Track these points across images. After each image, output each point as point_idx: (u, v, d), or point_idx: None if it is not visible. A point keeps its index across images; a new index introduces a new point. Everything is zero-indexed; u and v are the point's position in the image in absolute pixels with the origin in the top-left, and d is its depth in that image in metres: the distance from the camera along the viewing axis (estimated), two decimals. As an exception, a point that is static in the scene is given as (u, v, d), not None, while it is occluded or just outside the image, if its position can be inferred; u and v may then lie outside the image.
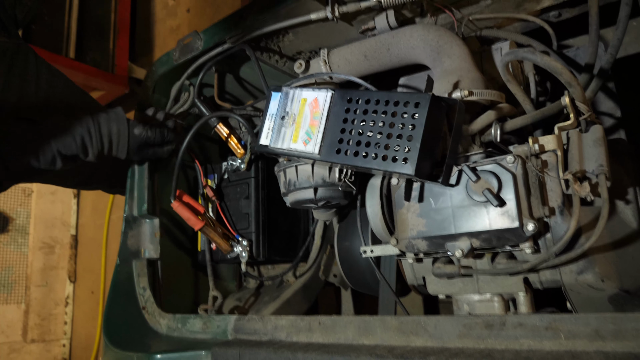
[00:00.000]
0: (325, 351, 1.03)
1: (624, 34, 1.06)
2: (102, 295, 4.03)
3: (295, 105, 1.23)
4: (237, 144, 1.72)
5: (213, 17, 3.78)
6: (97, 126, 1.51)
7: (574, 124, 1.01)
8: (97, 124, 1.52)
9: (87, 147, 1.50)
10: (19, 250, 3.95)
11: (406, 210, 1.15)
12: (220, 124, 1.70)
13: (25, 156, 1.42)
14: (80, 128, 1.49)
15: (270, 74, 1.73)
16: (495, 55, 1.31)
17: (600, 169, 0.96)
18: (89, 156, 1.52)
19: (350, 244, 1.65)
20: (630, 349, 0.77)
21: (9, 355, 3.75)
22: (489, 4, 1.36)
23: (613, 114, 1.29)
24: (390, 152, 1.03)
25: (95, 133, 1.51)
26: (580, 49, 1.38)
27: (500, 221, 1.01)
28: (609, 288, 1.04)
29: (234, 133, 1.73)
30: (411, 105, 1.03)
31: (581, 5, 1.34)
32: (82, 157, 1.52)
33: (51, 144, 1.45)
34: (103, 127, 1.52)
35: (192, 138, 1.61)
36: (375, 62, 1.38)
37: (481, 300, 1.19)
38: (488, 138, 1.16)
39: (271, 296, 1.80)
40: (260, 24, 1.48)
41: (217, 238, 1.66)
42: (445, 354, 0.89)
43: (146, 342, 1.49)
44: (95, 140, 1.51)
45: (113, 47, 3.76)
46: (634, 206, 1.11)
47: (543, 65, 0.96)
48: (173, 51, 1.72)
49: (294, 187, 1.45)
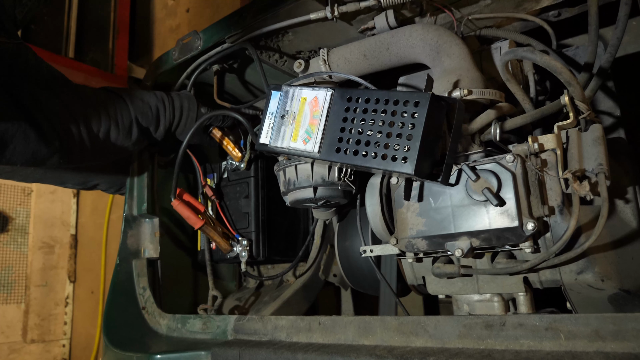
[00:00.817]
0: (325, 351, 1.03)
1: (624, 33, 1.06)
2: (102, 295, 4.02)
3: (295, 104, 1.23)
4: (233, 147, 1.72)
5: (212, 16, 3.78)
6: (170, 99, 1.57)
7: (574, 123, 1.01)
8: (170, 97, 1.58)
9: (160, 118, 1.55)
10: (19, 250, 3.95)
11: (406, 209, 1.15)
12: (214, 129, 1.71)
13: (107, 120, 1.43)
14: (156, 99, 1.54)
15: (269, 74, 1.72)
16: (494, 55, 1.31)
17: (600, 168, 0.96)
18: (159, 129, 1.56)
19: (350, 244, 1.65)
20: (630, 349, 0.77)
21: (9, 355, 3.75)
22: (489, 3, 1.36)
23: (612, 113, 1.29)
24: (390, 151, 1.03)
25: (169, 105, 1.56)
26: (579, 48, 1.38)
27: (500, 220, 1.00)
28: (609, 288, 1.04)
29: (229, 136, 1.73)
30: (411, 104, 1.03)
31: (580, 4, 1.34)
32: (153, 132, 1.56)
33: (130, 110, 1.48)
34: (176, 101, 1.58)
35: (191, 138, 1.60)
36: (375, 62, 1.38)
37: (481, 300, 1.19)
38: (487, 137, 1.16)
39: (271, 296, 1.80)
40: (259, 24, 1.48)
41: (217, 237, 1.66)
42: (445, 354, 0.89)
43: (146, 342, 1.49)
44: (168, 112, 1.56)
45: (112, 47, 3.75)
46: (633, 205, 1.10)
47: (542, 64, 0.96)
48: (172, 51, 1.71)
49: (293, 187, 1.45)
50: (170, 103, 1.57)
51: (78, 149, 1.40)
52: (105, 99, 1.46)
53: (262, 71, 1.50)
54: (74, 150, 1.39)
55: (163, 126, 1.57)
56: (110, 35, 3.77)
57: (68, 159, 1.40)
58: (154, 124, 1.55)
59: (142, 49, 4.23)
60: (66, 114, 1.36)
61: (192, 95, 1.64)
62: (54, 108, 1.34)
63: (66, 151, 1.37)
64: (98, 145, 1.44)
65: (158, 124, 1.56)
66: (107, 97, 1.47)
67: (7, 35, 1.40)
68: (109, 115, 1.44)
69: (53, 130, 1.32)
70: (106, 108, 1.44)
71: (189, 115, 1.61)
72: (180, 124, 1.60)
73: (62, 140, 1.35)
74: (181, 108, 1.59)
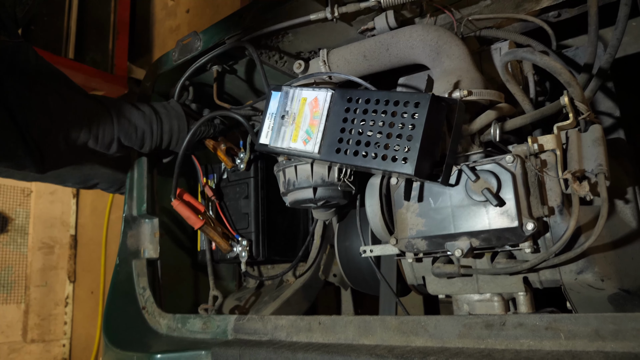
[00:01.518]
0: (325, 351, 1.03)
1: (623, 34, 1.07)
2: (102, 295, 4.03)
3: (295, 104, 1.23)
4: (224, 157, 1.72)
5: (212, 17, 3.78)
6: (159, 122, 1.55)
7: (573, 123, 1.01)
8: (160, 120, 1.55)
9: (145, 142, 1.54)
10: (19, 250, 3.95)
11: (405, 209, 1.15)
12: (207, 140, 1.71)
13: (87, 133, 1.42)
14: (143, 121, 1.52)
15: (269, 74, 1.72)
16: (494, 56, 1.31)
17: (600, 169, 0.96)
18: (144, 148, 1.56)
19: (350, 244, 1.65)
20: (630, 349, 0.77)
21: (9, 355, 3.75)
22: (488, 4, 1.36)
23: (612, 114, 1.29)
24: (390, 151, 1.03)
25: (157, 129, 1.54)
26: (579, 49, 1.38)
27: (500, 221, 1.01)
28: (609, 288, 1.04)
29: (222, 145, 1.73)
30: (411, 105, 1.03)
31: (580, 5, 1.34)
32: (137, 149, 1.57)
33: (114, 128, 1.47)
34: (165, 123, 1.56)
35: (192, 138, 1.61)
36: (375, 62, 1.38)
37: (481, 300, 1.19)
38: (487, 138, 1.16)
39: (271, 296, 1.80)
40: (259, 25, 1.48)
41: (217, 237, 1.66)
42: (445, 354, 0.89)
43: (146, 342, 1.49)
44: (155, 135, 1.55)
45: (112, 48, 3.75)
46: (633, 205, 1.11)
47: (542, 65, 0.96)
48: (172, 51, 1.72)
49: (293, 187, 1.45)
50: (159, 126, 1.55)
51: (53, 157, 1.40)
52: (92, 111, 1.45)
53: (262, 70, 1.50)
54: (50, 158, 1.39)
55: (149, 147, 1.57)
56: (110, 35, 3.77)
57: (43, 167, 1.40)
58: (138, 145, 1.54)
59: (142, 50, 4.23)
60: (48, 124, 1.36)
61: (182, 113, 1.62)
62: (39, 117, 1.34)
63: (43, 160, 1.38)
64: (73, 152, 1.44)
65: (142, 145, 1.55)
66: (94, 109, 1.46)
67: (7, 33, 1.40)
68: (90, 129, 1.43)
69: (33, 139, 1.33)
70: (89, 121, 1.43)
71: (179, 136, 1.60)
72: (171, 144, 1.61)
73: (40, 149, 1.35)
74: (170, 131, 1.57)
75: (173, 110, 1.60)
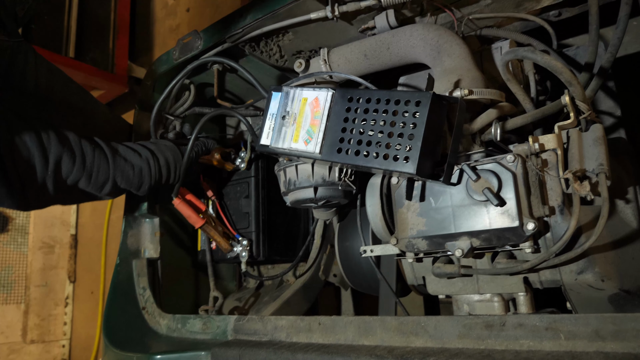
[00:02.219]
0: (325, 352, 1.03)
1: (624, 33, 1.06)
2: (102, 295, 4.03)
3: (295, 104, 1.23)
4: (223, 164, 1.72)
5: (213, 16, 3.78)
6: (155, 159, 1.48)
7: (574, 123, 1.01)
8: (155, 156, 1.49)
9: (144, 180, 1.46)
10: (19, 250, 3.95)
11: (406, 209, 1.15)
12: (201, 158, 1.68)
13: (81, 172, 1.33)
14: (140, 160, 1.45)
15: (269, 73, 1.72)
16: (495, 55, 1.31)
17: (601, 168, 0.96)
18: (141, 190, 1.48)
19: (350, 244, 1.65)
20: (630, 349, 0.76)
21: (9, 356, 3.75)
22: (489, 3, 1.36)
23: (613, 113, 1.29)
24: (391, 151, 1.03)
25: (155, 165, 1.48)
26: (580, 48, 1.38)
27: (500, 220, 1.00)
28: (609, 288, 1.04)
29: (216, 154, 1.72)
30: (412, 103, 1.03)
31: (581, 4, 1.33)
32: (134, 191, 1.48)
33: (109, 167, 1.38)
34: (160, 158, 1.50)
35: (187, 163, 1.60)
36: (375, 61, 1.38)
37: (481, 300, 1.19)
38: (488, 137, 1.16)
39: (271, 296, 1.80)
40: (260, 23, 1.48)
41: (218, 237, 1.66)
42: (445, 354, 0.89)
43: (146, 343, 1.49)
44: (154, 172, 1.48)
45: (113, 47, 3.75)
46: (634, 205, 1.10)
47: (543, 64, 0.96)
48: (173, 50, 1.71)
49: (294, 187, 1.45)
50: (156, 162, 1.48)
51: (38, 197, 1.28)
52: (86, 147, 1.35)
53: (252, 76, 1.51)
54: (34, 198, 1.28)
55: (147, 185, 1.48)
56: (111, 34, 3.77)
57: (26, 206, 1.30)
58: (136, 185, 1.46)
59: (142, 49, 4.23)
60: (36, 159, 1.24)
61: (172, 145, 1.56)
62: (26, 150, 1.23)
63: (25, 198, 1.27)
64: (62, 193, 1.33)
65: (141, 185, 1.47)
66: (90, 144, 1.37)
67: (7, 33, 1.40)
68: (83, 167, 1.33)
69: (17, 175, 1.22)
70: (83, 157, 1.33)
71: (176, 166, 1.54)
72: (170, 177, 1.54)
73: (23, 187, 1.25)
74: (167, 164, 1.52)
75: (162, 144, 1.56)
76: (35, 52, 1.50)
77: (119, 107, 3.97)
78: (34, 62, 1.49)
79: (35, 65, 1.49)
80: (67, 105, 1.60)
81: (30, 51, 1.48)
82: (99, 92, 3.72)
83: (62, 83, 1.61)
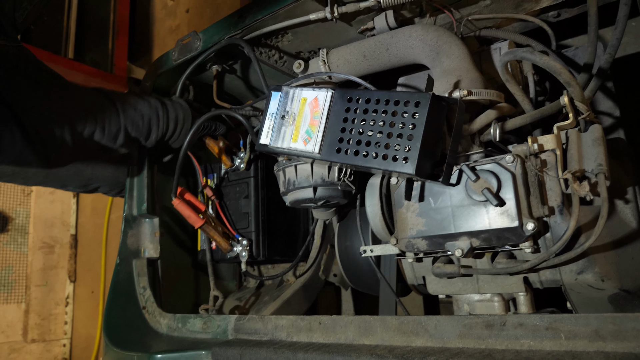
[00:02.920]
0: (326, 351, 1.03)
1: (623, 34, 1.07)
2: (102, 295, 4.02)
3: (295, 104, 1.23)
4: (224, 158, 1.73)
5: (212, 17, 3.78)
6: (165, 110, 1.54)
7: (573, 123, 1.01)
8: (165, 108, 1.55)
9: (152, 129, 1.53)
10: (19, 249, 3.95)
11: (406, 209, 1.15)
12: (207, 138, 1.72)
13: (92, 124, 1.39)
14: (149, 109, 1.51)
15: (269, 74, 1.73)
16: (494, 55, 1.31)
17: (600, 168, 0.96)
18: (150, 139, 1.54)
19: (350, 244, 1.65)
20: (630, 349, 0.77)
21: (9, 355, 3.75)
22: (488, 4, 1.36)
23: (612, 114, 1.29)
24: (390, 151, 1.03)
25: (163, 116, 1.53)
26: (579, 49, 1.38)
27: (500, 220, 1.01)
28: (609, 288, 1.04)
29: (221, 143, 1.73)
30: (411, 104, 1.03)
31: (580, 5, 1.34)
32: (143, 141, 1.54)
33: (120, 117, 1.45)
34: (171, 112, 1.55)
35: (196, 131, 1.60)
36: (374, 62, 1.39)
37: (481, 300, 1.19)
38: (487, 138, 1.16)
39: (271, 296, 1.80)
40: (259, 24, 1.48)
41: (217, 237, 1.66)
42: (446, 354, 0.90)
43: (146, 342, 1.49)
44: (162, 123, 1.54)
45: (112, 47, 3.75)
46: (633, 205, 1.11)
47: (542, 65, 0.96)
48: (172, 51, 1.72)
49: (293, 187, 1.45)
50: (165, 113, 1.54)
51: (59, 152, 1.37)
52: (95, 102, 1.44)
53: (260, 69, 1.49)
54: (56, 153, 1.36)
55: (155, 136, 1.55)
56: (110, 35, 3.77)
57: (49, 162, 1.38)
58: (145, 134, 1.53)
59: (141, 50, 4.22)
60: (52, 117, 1.33)
61: (187, 106, 1.62)
62: (42, 111, 1.32)
63: (48, 155, 1.35)
64: (80, 146, 1.41)
65: (149, 134, 1.54)
66: (98, 100, 1.45)
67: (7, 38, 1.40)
68: (95, 120, 1.40)
69: (37, 134, 1.30)
70: (94, 112, 1.41)
71: (184, 126, 1.59)
72: (174, 135, 1.59)
73: (44, 144, 1.32)
74: (176, 119, 1.57)
75: (177, 102, 1.61)
76: (35, 57, 1.51)
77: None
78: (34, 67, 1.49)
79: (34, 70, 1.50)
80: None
81: (30, 56, 1.49)
82: (99, 92, 3.71)
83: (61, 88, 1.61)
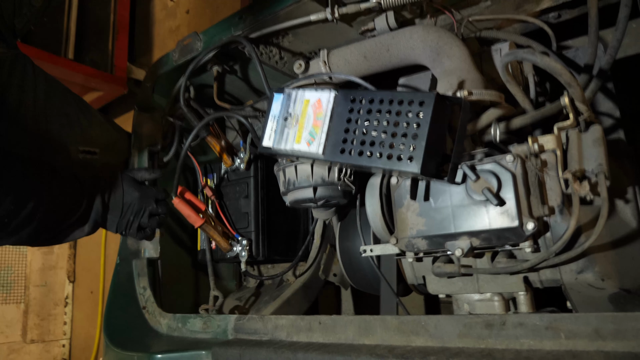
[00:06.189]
0: (326, 351, 1.03)
1: (624, 35, 1.07)
2: (102, 295, 4.02)
3: (298, 106, 1.23)
4: (224, 155, 1.73)
5: (212, 18, 3.78)
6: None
7: (573, 123, 1.01)
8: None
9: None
10: (18, 250, 3.95)
11: (406, 209, 1.15)
12: (209, 137, 1.71)
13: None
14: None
15: (269, 74, 1.73)
16: (494, 56, 1.32)
17: (600, 168, 0.96)
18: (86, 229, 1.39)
19: (351, 243, 1.65)
20: (630, 349, 0.77)
21: (9, 355, 3.75)
22: (489, 5, 1.37)
23: (612, 115, 1.29)
24: (395, 151, 1.03)
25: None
26: (579, 50, 1.39)
27: (500, 220, 1.01)
28: (609, 287, 1.04)
29: (222, 142, 1.73)
30: (416, 104, 1.03)
31: (581, 6, 1.34)
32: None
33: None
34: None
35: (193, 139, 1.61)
36: (375, 63, 1.39)
37: (481, 300, 1.19)
38: (488, 138, 1.17)
39: (271, 295, 1.80)
40: (259, 25, 1.48)
41: (217, 236, 1.67)
42: (446, 353, 0.90)
43: (147, 342, 1.49)
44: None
45: (112, 48, 3.75)
46: (633, 205, 1.11)
47: (543, 65, 0.96)
48: (172, 52, 1.72)
49: (293, 187, 1.45)
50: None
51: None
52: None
53: (261, 69, 1.49)
54: None
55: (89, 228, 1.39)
56: (110, 36, 3.77)
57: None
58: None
59: (141, 50, 4.23)
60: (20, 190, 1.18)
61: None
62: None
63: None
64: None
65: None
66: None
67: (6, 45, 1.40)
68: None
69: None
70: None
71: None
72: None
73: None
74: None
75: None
76: (33, 64, 1.51)
77: (118, 108, 3.98)
78: (33, 73, 1.49)
79: (33, 77, 1.50)
80: (65, 115, 1.60)
81: (28, 63, 1.49)
82: (98, 93, 3.71)
83: (59, 93, 1.61)
